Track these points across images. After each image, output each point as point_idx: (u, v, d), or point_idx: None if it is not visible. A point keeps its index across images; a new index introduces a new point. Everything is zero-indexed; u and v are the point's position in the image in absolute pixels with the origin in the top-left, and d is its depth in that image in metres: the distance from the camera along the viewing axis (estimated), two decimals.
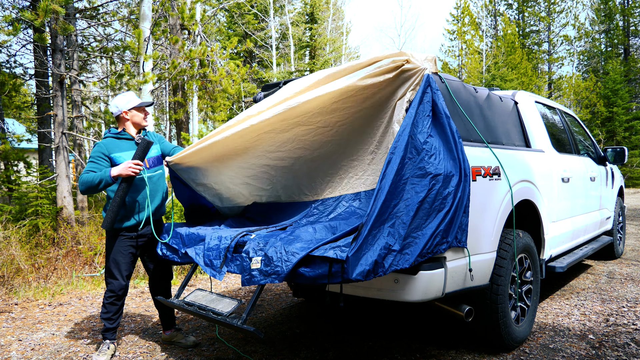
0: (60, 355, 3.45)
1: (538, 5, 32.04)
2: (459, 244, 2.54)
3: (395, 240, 2.27)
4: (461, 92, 3.22)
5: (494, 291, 3.04)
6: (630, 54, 29.99)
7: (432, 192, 2.39)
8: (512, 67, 25.52)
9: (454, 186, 2.46)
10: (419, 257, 2.33)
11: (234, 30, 23.41)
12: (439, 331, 3.73)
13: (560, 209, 4.11)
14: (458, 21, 30.10)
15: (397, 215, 2.32)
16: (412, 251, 2.31)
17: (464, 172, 2.52)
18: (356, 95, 2.68)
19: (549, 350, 3.31)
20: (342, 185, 3.11)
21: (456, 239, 2.51)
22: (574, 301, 4.51)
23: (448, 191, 2.44)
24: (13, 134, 9.75)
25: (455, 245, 2.51)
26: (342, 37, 28.19)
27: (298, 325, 4.00)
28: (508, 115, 3.83)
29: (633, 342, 3.44)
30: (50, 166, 9.40)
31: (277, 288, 5.26)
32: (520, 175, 3.38)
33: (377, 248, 2.21)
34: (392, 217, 2.30)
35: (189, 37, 11.57)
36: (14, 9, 8.47)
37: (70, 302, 4.86)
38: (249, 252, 2.53)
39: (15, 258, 5.54)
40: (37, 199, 7.23)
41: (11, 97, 9.92)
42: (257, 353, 3.36)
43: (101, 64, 18.41)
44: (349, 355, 3.29)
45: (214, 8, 16.66)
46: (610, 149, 5.70)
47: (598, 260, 6.34)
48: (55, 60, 7.17)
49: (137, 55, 7.00)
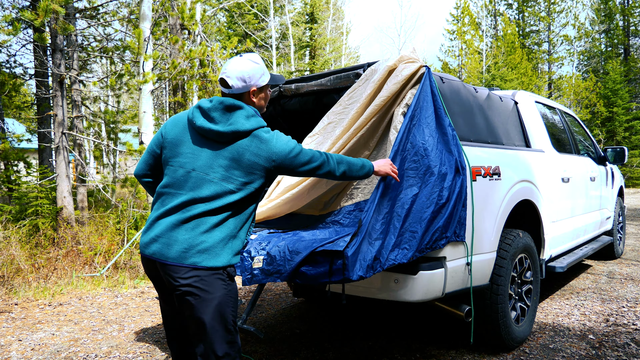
0: (60, 355, 3.45)
1: (538, 5, 32.03)
2: (458, 238, 2.54)
3: (394, 235, 2.27)
4: (461, 92, 3.22)
5: (494, 291, 3.04)
6: (630, 54, 29.98)
7: (428, 186, 2.40)
8: (512, 67, 25.52)
9: (451, 180, 2.47)
10: (417, 253, 2.33)
11: (234, 30, 23.41)
12: (439, 331, 3.73)
13: (560, 209, 4.11)
14: (458, 21, 30.09)
15: (395, 210, 2.33)
16: (411, 246, 2.32)
17: (460, 166, 2.53)
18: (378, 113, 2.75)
19: (549, 350, 3.31)
20: (346, 197, 3.10)
21: (455, 234, 2.52)
22: (574, 301, 4.51)
23: (445, 185, 2.45)
24: (13, 134, 9.75)
25: (454, 240, 2.52)
26: (342, 37, 28.19)
27: (298, 325, 4.00)
28: (508, 115, 3.83)
29: (633, 342, 3.44)
30: (50, 166, 9.39)
31: (277, 288, 5.26)
32: (520, 175, 3.38)
33: (377, 244, 2.22)
34: (390, 212, 2.31)
35: (189, 37, 11.56)
36: (14, 8, 8.47)
37: (70, 302, 4.86)
38: (250, 252, 2.53)
39: (15, 258, 5.54)
40: (37, 199, 7.23)
41: (11, 97, 9.92)
42: (257, 353, 3.35)
43: (101, 64, 18.40)
44: (349, 355, 3.29)
45: (214, 8, 16.66)
46: (610, 149, 5.70)
47: (598, 260, 6.33)
48: (55, 60, 7.17)
49: (137, 55, 6.99)
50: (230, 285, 1.91)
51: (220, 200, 1.88)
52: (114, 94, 15.68)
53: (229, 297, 1.89)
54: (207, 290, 1.83)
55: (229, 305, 1.89)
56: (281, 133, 2.02)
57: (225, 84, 2.01)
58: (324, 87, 3.35)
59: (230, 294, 1.90)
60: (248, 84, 2.01)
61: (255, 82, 2.04)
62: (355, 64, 5.18)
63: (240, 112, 1.95)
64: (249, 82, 2.01)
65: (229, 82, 1.99)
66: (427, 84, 2.61)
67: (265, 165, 1.93)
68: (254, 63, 2.04)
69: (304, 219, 3.23)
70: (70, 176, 7.25)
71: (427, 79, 2.62)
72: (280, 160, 1.95)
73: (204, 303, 1.83)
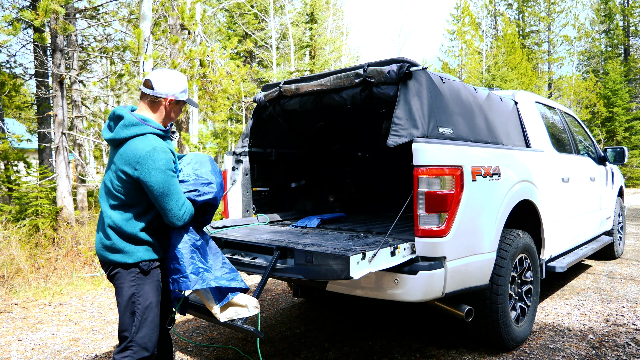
0: (60, 355, 3.45)
1: (538, 5, 32.02)
2: None
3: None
4: (461, 92, 3.22)
5: (494, 291, 3.04)
6: (630, 54, 29.99)
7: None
8: (512, 67, 25.50)
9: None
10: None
11: (234, 30, 23.41)
12: (439, 331, 3.73)
13: (560, 209, 4.11)
14: (458, 21, 30.06)
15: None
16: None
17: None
18: None
19: (549, 350, 3.31)
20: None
21: None
22: (574, 301, 4.51)
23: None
24: (13, 134, 9.74)
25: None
26: (342, 37, 28.17)
27: (298, 325, 4.00)
28: (508, 115, 3.82)
29: (633, 342, 3.44)
30: (50, 166, 9.39)
31: (277, 288, 5.26)
32: (520, 175, 3.38)
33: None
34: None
35: (189, 37, 11.56)
36: (14, 8, 8.46)
37: (70, 302, 4.86)
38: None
39: (15, 258, 5.54)
40: (37, 199, 7.23)
41: (11, 97, 9.92)
42: (257, 353, 3.35)
43: (101, 64, 18.41)
44: (349, 355, 3.29)
45: (214, 8, 16.66)
46: (610, 149, 5.70)
47: (598, 260, 6.33)
48: (55, 60, 7.16)
49: (137, 55, 6.99)
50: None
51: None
52: (114, 94, 15.68)
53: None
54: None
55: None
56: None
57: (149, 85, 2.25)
58: (324, 87, 3.35)
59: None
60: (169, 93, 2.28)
61: (174, 94, 2.29)
62: (355, 64, 5.18)
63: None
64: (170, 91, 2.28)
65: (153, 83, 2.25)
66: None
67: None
68: (181, 77, 2.33)
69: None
70: (70, 176, 7.25)
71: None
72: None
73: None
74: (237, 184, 3.92)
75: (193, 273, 2.16)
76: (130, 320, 2.20)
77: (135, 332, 2.19)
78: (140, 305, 2.21)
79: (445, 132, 2.88)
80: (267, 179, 4.22)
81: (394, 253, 2.54)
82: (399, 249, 2.57)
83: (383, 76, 2.99)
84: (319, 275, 2.42)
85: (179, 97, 2.30)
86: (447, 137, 2.87)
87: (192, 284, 2.15)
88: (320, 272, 2.41)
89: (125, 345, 2.18)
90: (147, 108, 2.27)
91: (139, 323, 2.20)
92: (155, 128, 2.22)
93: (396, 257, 2.55)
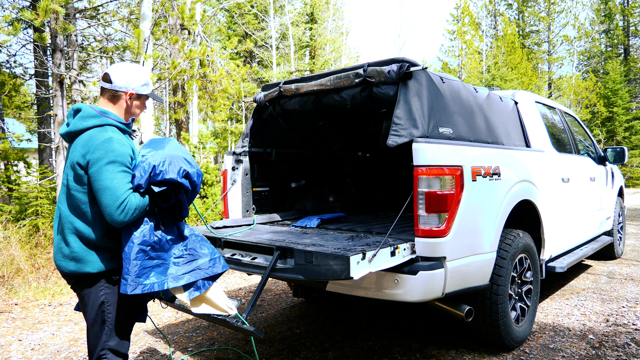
0: (60, 355, 3.45)
1: (538, 5, 32.04)
2: None
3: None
4: (461, 92, 3.22)
5: (494, 291, 3.04)
6: (630, 54, 30.00)
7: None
8: (512, 67, 25.51)
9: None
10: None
11: (234, 30, 23.41)
12: (439, 331, 3.73)
13: (560, 209, 4.11)
14: (458, 21, 30.07)
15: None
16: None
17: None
18: None
19: (549, 350, 3.31)
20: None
21: None
22: (574, 301, 4.51)
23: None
24: (13, 133, 9.74)
25: None
26: (342, 37, 28.16)
27: (298, 325, 4.00)
28: (508, 115, 3.83)
29: (633, 342, 3.44)
30: (50, 166, 9.40)
31: (277, 288, 5.26)
32: (520, 175, 3.38)
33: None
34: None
35: (189, 37, 11.57)
36: (14, 8, 8.47)
37: (70, 302, 4.86)
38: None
39: (15, 258, 5.54)
40: (37, 199, 7.23)
41: (11, 97, 9.90)
42: (257, 353, 3.35)
43: (101, 64, 18.40)
44: (349, 355, 3.29)
45: (214, 8, 16.67)
46: (610, 149, 5.70)
47: (598, 260, 6.33)
48: (55, 60, 7.17)
49: (137, 55, 6.99)
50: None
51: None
52: None
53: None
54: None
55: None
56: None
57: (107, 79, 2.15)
58: (324, 87, 3.35)
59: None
60: (128, 85, 2.18)
61: (134, 88, 2.20)
62: (355, 64, 5.18)
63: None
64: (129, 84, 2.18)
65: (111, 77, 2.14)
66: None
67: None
68: (142, 70, 2.24)
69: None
70: None
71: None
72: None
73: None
74: (237, 184, 3.92)
75: (137, 275, 1.99)
76: (101, 329, 2.08)
77: (107, 340, 2.08)
78: (110, 314, 2.08)
79: (445, 132, 2.88)
80: (267, 179, 4.22)
81: (394, 253, 2.54)
82: (399, 249, 2.57)
83: (383, 76, 2.99)
84: (319, 276, 2.42)
85: (139, 90, 2.20)
86: (447, 137, 2.87)
87: (130, 288, 1.97)
88: (320, 272, 2.41)
89: (98, 354, 2.08)
90: (107, 102, 2.17)
91: (109, 331, 2.09)
92: (115, 120, 2.10)
93: (396, 257, 2.55)
